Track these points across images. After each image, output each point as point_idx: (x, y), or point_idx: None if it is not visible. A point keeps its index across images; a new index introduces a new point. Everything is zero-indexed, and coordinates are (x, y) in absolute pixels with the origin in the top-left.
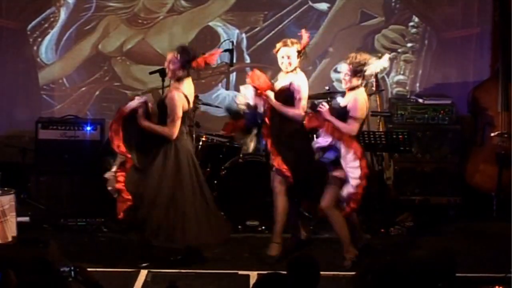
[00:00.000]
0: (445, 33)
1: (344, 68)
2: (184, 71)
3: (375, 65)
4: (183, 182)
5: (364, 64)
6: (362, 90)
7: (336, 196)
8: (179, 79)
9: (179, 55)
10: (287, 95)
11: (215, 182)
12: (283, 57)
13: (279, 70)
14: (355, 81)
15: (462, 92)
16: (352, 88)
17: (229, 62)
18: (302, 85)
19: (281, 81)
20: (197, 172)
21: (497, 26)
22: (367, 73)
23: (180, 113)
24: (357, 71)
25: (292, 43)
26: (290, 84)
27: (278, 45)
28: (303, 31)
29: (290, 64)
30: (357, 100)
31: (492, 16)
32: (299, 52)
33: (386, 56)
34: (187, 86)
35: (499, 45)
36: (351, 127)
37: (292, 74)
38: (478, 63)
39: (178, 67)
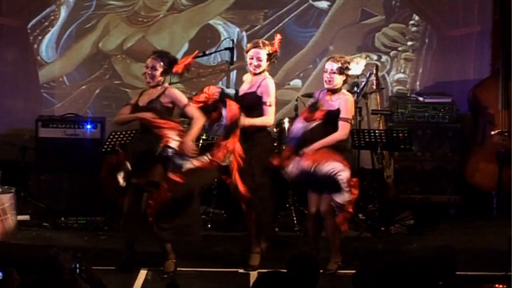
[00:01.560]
0: (446, 31)
1: (329, 66)
2: (164, 77)
3: (357, 66)
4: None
5: (349, 63)
6: (346, 91)
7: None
8: (157, 85)
9: (161, 61)
10: (253, 100)
11: (215, 180)
12: (252, 58)
13: (279, 69)
14: (339, 80)
15: (463, 91)
16: (336, 90)
17: (229, 60)
18: (271, 89)
19: (248, 84)
20: None
21: (498, 24)
22: (350, 72)
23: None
24: (343, 68)
25: (264, 45)
26: (258, 87)
27: (249, 45)
28: (277, 34)
29: (259, 66)
30: (347, 101)
31: (493, 14)
32: (269, 55)
33: (362, 62)
34: None
35: (500, 43)
36: (343, 132)
37: (259, 77)
38: (478, 61)
39: (161, 72)
